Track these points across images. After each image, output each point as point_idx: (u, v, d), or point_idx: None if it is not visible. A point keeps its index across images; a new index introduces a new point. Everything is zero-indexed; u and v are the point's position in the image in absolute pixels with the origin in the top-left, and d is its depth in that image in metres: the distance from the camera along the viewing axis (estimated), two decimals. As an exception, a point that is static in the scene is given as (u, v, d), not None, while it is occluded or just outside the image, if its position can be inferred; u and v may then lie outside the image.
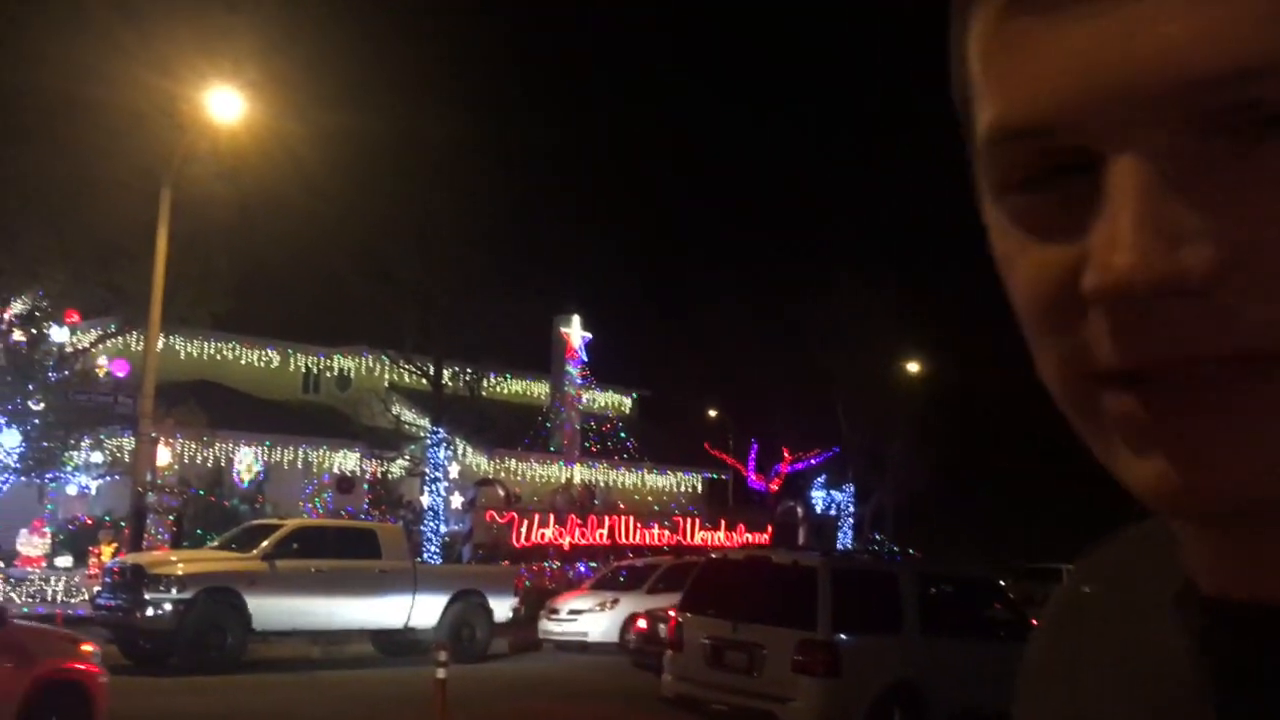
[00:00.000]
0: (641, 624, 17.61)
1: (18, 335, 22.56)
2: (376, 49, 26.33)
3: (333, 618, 16.86)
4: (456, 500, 29.93)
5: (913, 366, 39.44)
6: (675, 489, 40.13)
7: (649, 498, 38.12)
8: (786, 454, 40.91)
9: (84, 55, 19.87)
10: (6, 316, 22.54)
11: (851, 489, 39.69)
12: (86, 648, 9.06)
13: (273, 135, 22.08)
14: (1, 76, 19.84)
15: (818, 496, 40.41)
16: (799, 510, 39.94)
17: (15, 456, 22.24)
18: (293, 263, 27.74)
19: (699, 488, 41.47)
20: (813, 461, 40.65)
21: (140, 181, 20.63)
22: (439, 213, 26.42)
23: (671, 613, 11.77)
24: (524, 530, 30.42)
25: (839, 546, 36.26)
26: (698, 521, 36.41)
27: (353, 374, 35.30)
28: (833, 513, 39.79)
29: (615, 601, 20.62)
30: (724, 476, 42.16)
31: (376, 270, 27.18)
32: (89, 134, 20.50)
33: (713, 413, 45.46)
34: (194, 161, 20.67)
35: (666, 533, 34.49)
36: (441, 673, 10.28)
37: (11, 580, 20.13)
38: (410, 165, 25.74)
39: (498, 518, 30.55)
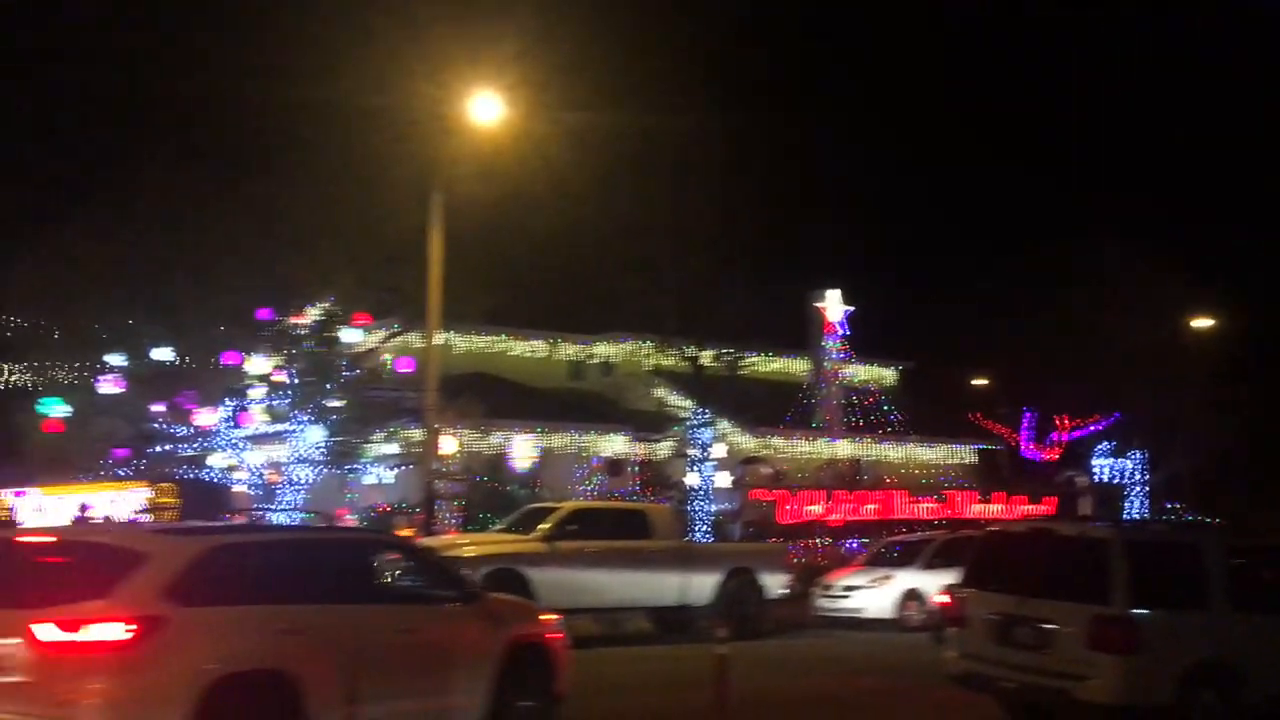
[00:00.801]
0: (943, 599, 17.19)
1: (314, 339, 24.54)
2: (626, 47, 26.91)
3: (609, 596, 17.35)
4: (723, 479, 30.20)
5: (1204, 322, 36.31)
6: (945, 461, 38.91)
7: (916, 471, 37.16)
8: (1064, 421, 38.83)
9: (359, 67, 21.33)
10: (304, 323, 24.55)
11: (1140, 455, 37.10)
12: (548, 616, 10.35)
13: (533, 135, 22.91)
14: (286, 92, 21.58)
15: (1101, 465, 38.04)
16: (1080, 480, 37.84)
17: (320, 451, 24.21)
18: (556, 256, 28.83)
19: (970, 459, 40.04)
20: (1093, 429, 38.35)
21: (414, 186, 21.89)
22: (693, 198, 26.75)
23: (953, 589, 11.37)
24: (790, 507, 30.38)
25: (1127, 516, 34.07)
26: (971, 494, 35.22)
27: (616, 360, 36.21)
28: (1118, 481, 37.37)
29: (889, 577, 20.27)
30: (996, 447, 40.48)
31: (635, 258, 27.78)
32: (367, 143, 21.97)
33: (982, 382, 43.69)
34: (461, 164, 21.72)
35: (938, 506, 33.56)
36: (722, 649, 10.36)
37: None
38: (663, 155, 26.21)
39: (765, 496, 30.65)
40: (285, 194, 22.55)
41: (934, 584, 17.92)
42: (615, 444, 31.92)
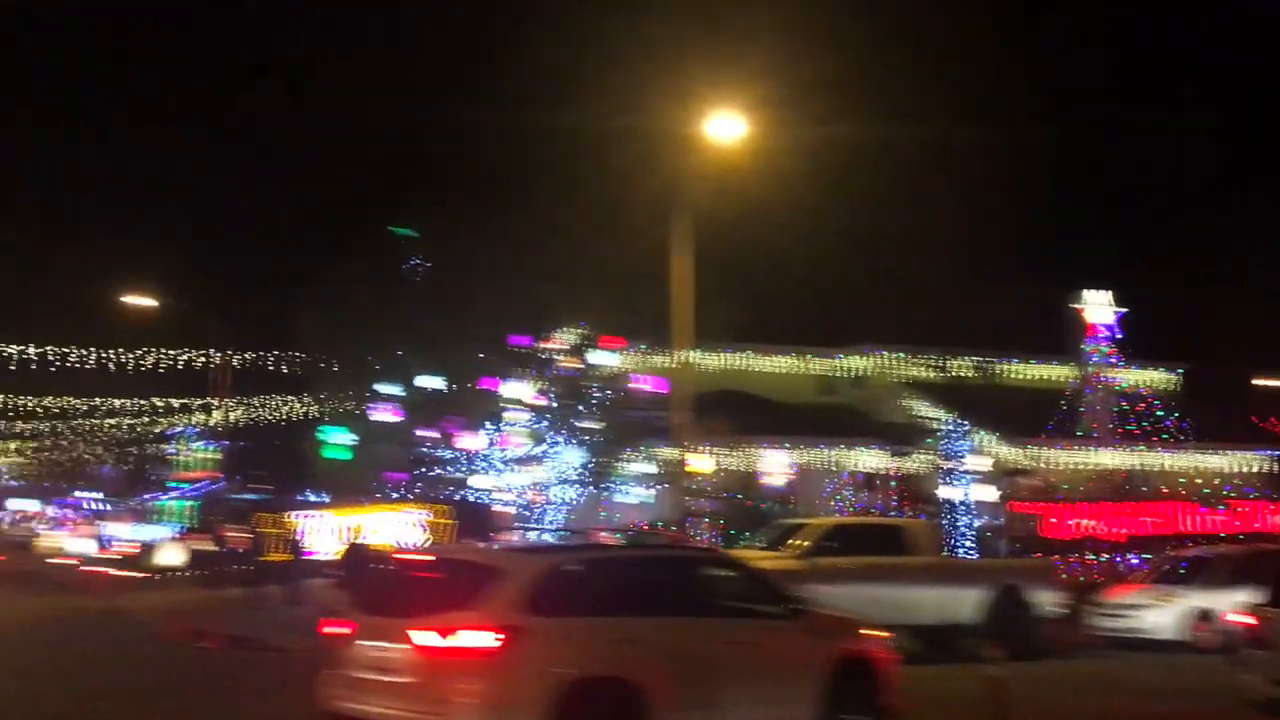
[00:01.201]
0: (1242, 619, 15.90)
1: (567, 363, 25.39)
2: (865, 60, 26.47)
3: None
4: (985, 492, 29.02)
5: None
6: (1231, 469, 35.87)
7: (1198, 481, 34.42)
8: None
9: (599, 93, 21.98)
10: (558, 348, 25.47)
11: None
12: (874, 632, 10.59)
13: (774, 151, 22.89)
14: (531, 122, 22.47)
15: None
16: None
17: (579, 471, 24.98)
18: (801, 270, 28.68)
19: (1262, 467, 36.75)
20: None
21: (658, 206, 22.28)
22: (942, 205, 26.04)
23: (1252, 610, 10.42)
24: (1056, 521, 28.81)
25: None
26: (1263, 505, 32.32)
27: (866, 372, 35.55)
28: None
29: (1176, 595, 18.86)
30: (1290, 453, 36.94)
31: (883, 268, 27.29)
32: (610, 167, 22.60)
33: (1272, 383, 40.03)
34: (704, 183, 21.94)
35: (1226, 518, 30.98)
36: (998, 670, 9.93)
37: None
38: (908, 163, 25.71)
39: (1028, 509, 29.22)
40: (534, 222, 23.49)
41: (1228, 602, 16.52)
42: (868, 458, 31.29)
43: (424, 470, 28.12)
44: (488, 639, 8.08)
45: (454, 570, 9.12)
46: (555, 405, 25.24)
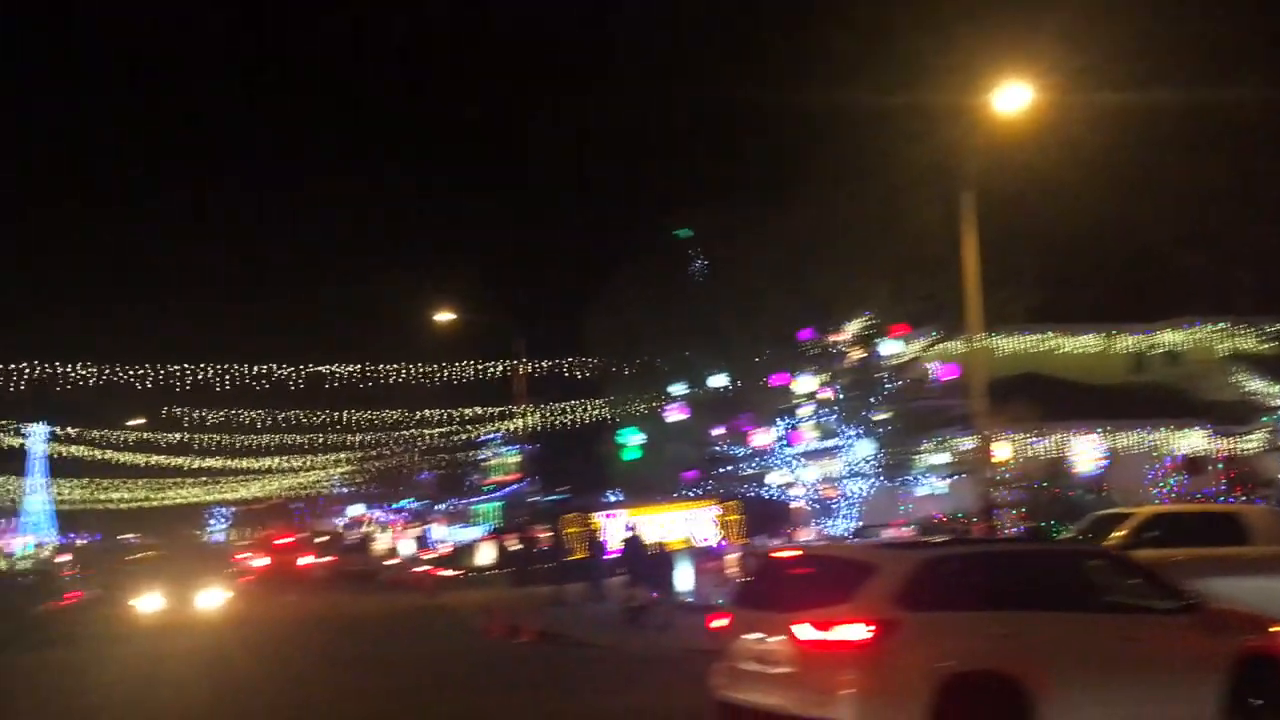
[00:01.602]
0: None
1: (855, 355, 24.83)
2: (1158, 18, 24.27)
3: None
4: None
5: None
6: None
7: None
8: None
9: (874, 73, 21.28)
10: (844, 339, 24.96)
11: None
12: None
13: (1065, 121, 21.43)
14: (807, 105, 22.05)
15: None
16: None
17: (871, 464, 24.38)
18: (1101, 245, 26.66)
19: None
20: None
21: (941, 188, 21.36)
22: (1262, 164, 23.51)
23: None
24: None
25: None
26: None
27: (1183, 348, 32.75)
28: None
29: None
30: None
31: (1197, 235, 24.96)
32: (890, 148, 21.81)
33: None
34: (990, 159, 20.87)
35: None
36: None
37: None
38: (1218, 125, 23.28)
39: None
40: (813, 211, 23.05)
41: None
42: (1192, 440, 28.77)
43: (715, 468, 28.34)
44: (861, 631, 8.31)
45: (830, 566, 9.50)
46: (845, 398, 24.75)
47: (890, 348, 24.54)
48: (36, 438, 67.43)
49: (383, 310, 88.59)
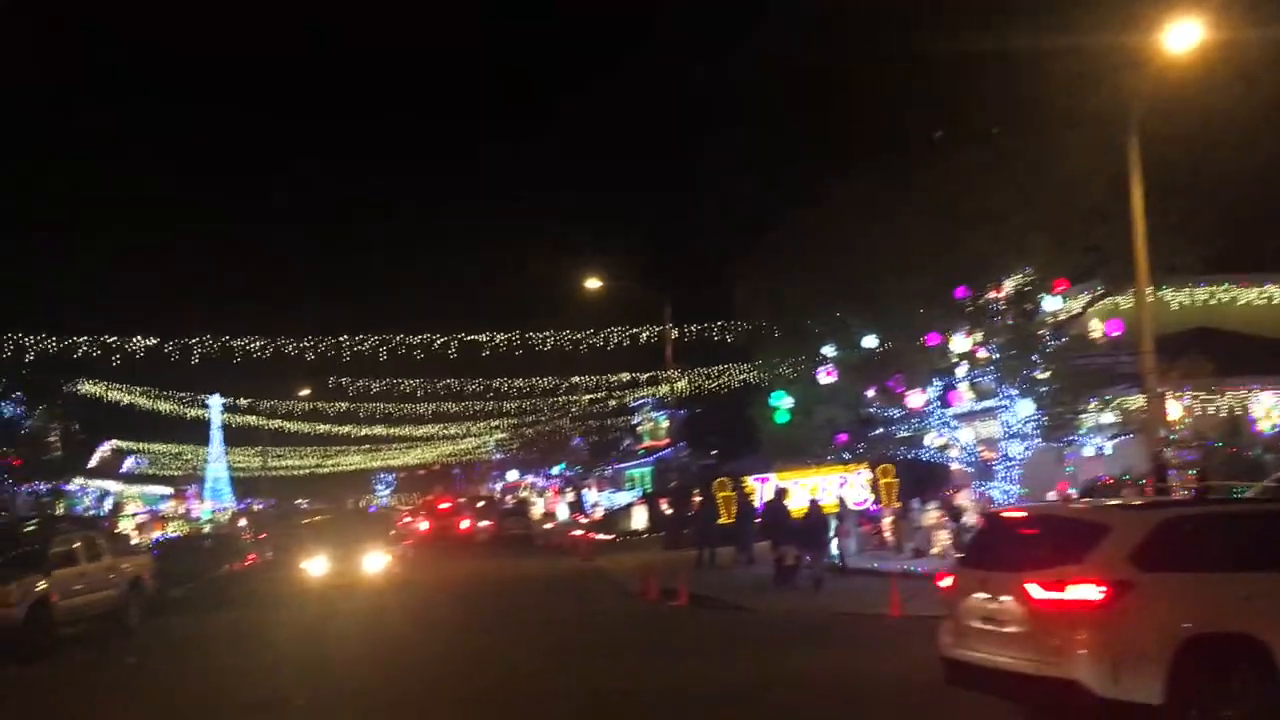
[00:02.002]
0: None
1: (1014, 312, 23.90)
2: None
3: None
4: None
5: None
6: None
7: None
8: None
9: (1033, 13, 20.27)
10: (1001, 296, 24.05)
11: None
12: None
13: (1239, 58, 20.03)
14: (957, 48, 21.18)
15: None
16: None
17: (1032, 425, 23.52)
18: (1280, 187, 24.92)
19: None
20: None
21: (1106, 133, 20.30)
22: None
23: None
24: None
25: None
26: None
27: (1380, 294, 30.47)
28: None
29: None
30: None
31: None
32: (1048, 93, 20.81)
33: None
34: (1159, 101, 19.72)
35: None
36: None
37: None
38: None
39: None
40: (968, 162, 22.20)
41: None
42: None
43: (868, 430, 27.84)
44: (1092, 592, 8.34)
45: (1061, 526, 9.48)
46: (1002, 357, 23.90)
47: (1051, 303, 23.50)
48: (215, 409, 71.22)
49: (534, 279, 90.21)
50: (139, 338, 38.45)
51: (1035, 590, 8.59)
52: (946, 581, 10.06)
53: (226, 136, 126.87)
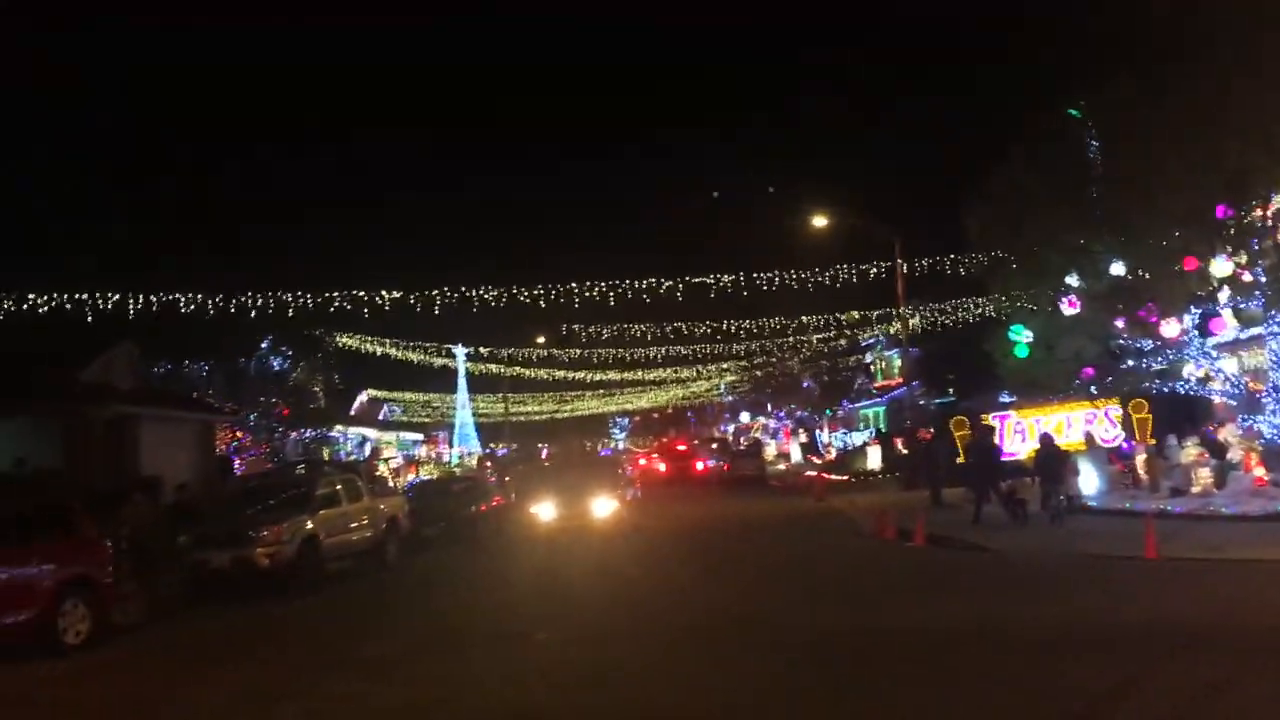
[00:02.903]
0: None
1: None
2: None
3: None
4: None
5: None
6: None
7: None
8: None
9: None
10: (1269, 213, 21.99)
11: None
12: None
13: None
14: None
15: None
16: None
17: (1306, 352, 21.53)
18: None
19: None
20: None
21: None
22: None
23: None
24: None
25: None
26: None
27: None
28: None
29: None
30: None
31: None
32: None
33: None
34: None
35: None
36: None
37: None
38: None
39: None
40: (1224, 68, 20.27)
41: None
42: None
43: (1117, 363, 26.20)
44: None
45: None
46: (1270, 279, 21.90)
47: (1328, 218, 21.31)
48: (460, 358, 74.74)
49: (764, 217, 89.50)
50: (385, 292, 40.52)
51: None
52: None
53: (457, 96, 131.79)
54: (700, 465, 55.27)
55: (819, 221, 39.10)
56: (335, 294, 39.22)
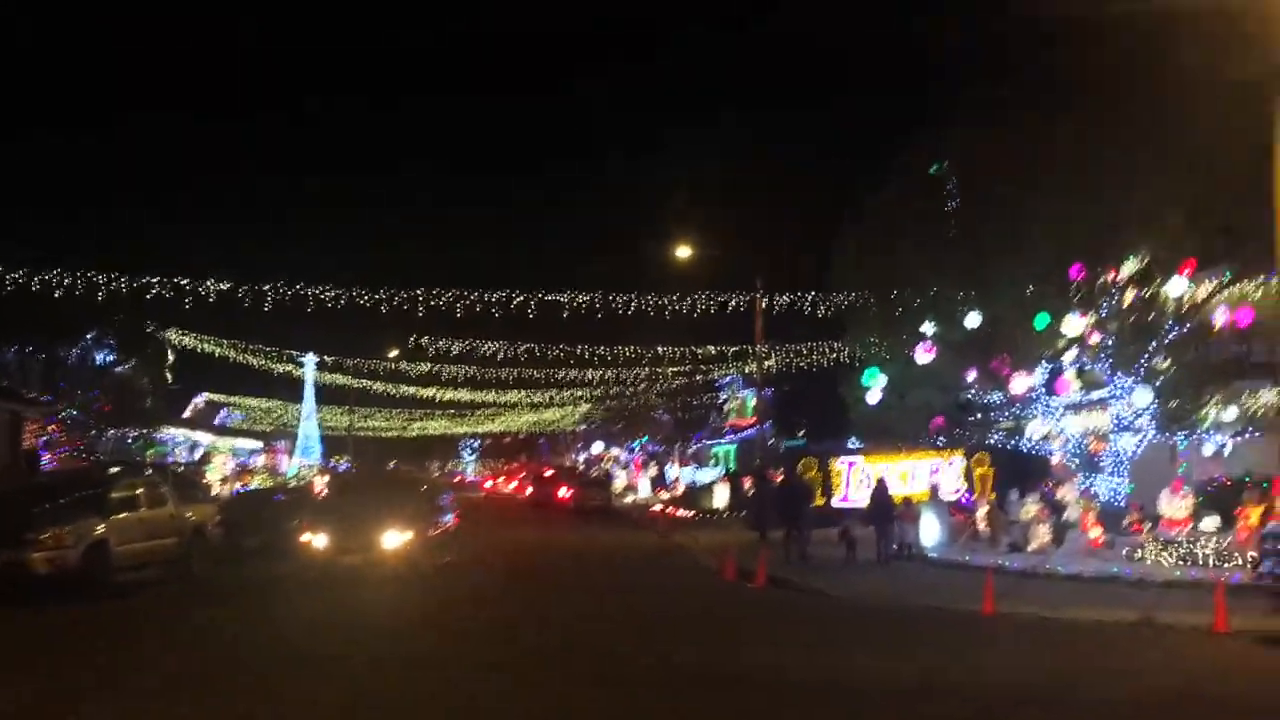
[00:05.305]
0: None
1: (1133, 294, 22.21)
2: None
3: None
4: None
5: None
6: None
7: None
8: None
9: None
10: (1119, 277, 22.33)
11: None
12: None
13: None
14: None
15: None
16: None
17: (1147, 417, 21.84)
18: None
19: None
20: None
21: (1246, 106, 18.54)
22: None
23: None
24: None
25: None
26: None
27: None
28: None
29: None
30: None
31: None
32: (1179, 58, 19.13)
33: None
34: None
35: None
36: None
37: (1160, 542, 19.63)
38: None
39: None
40: (1090, 133, 20.55)
41: None
42: None
43: (966, 415, 26.33)
44: None
45: None
46: (1118, 342, 22.21)
47: (1177, 287, 21.69)
48: (308, 365, 71.84)
49: (621, 244, 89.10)
50: (211, 281, 37.31)
51: None
52: None
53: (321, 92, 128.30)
54: (564, 492, 54.17)
55: (682, 252, 38.67)
56: (153, 279, 36.13)
